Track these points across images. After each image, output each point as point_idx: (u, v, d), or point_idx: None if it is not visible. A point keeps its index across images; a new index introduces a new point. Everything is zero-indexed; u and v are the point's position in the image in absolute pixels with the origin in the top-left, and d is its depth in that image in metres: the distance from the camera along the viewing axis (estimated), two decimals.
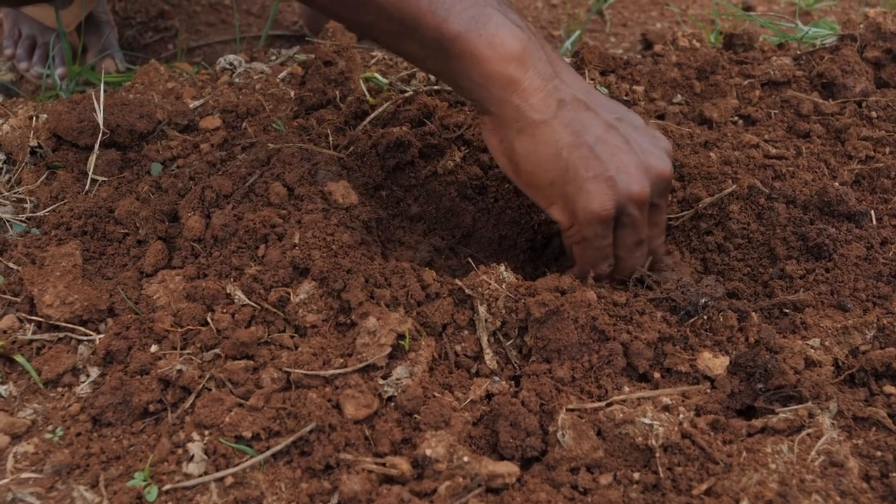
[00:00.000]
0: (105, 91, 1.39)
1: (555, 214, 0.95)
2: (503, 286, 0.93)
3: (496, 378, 0.90)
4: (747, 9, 2.07)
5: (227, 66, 1.38)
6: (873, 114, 1.23)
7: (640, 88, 1.30)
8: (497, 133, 0.94)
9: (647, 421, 0.82)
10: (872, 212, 1.08)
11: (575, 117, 0.91)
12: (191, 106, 1.26)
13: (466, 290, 0.93)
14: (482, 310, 0.93)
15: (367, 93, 1.28)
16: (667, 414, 0.84)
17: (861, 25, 1.37)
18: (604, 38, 1.98)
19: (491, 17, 0.89)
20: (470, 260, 0.99)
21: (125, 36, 2.01)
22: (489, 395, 0.89)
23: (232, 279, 0.96)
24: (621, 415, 0.83)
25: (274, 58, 1.48)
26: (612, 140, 0.91)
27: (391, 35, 0.92)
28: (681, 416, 0.85)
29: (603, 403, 0.86)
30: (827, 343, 0.93)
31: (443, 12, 0.88)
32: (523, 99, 0.90)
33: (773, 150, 1.18)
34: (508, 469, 0.79)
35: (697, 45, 1.46)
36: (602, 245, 0.95)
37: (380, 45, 0.96)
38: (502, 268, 0.95)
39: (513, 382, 0.91)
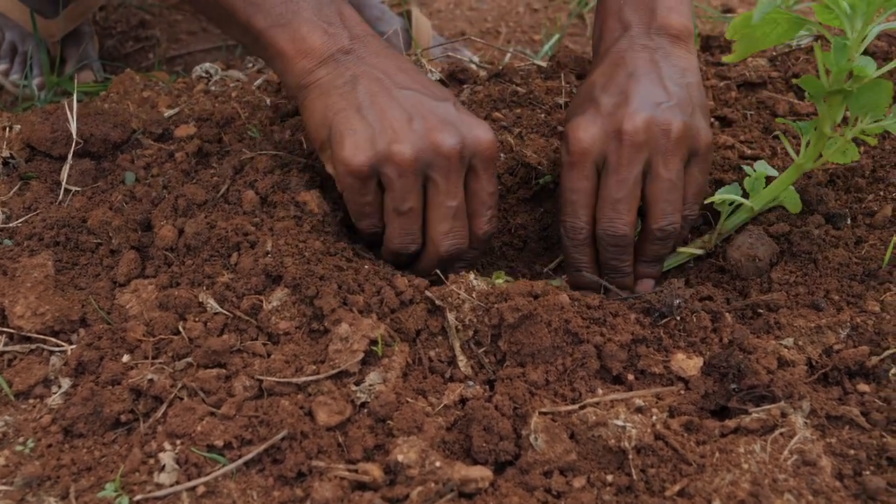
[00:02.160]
0: (81, 101, 1.39)
1: (327, 168, 0.99)
2: (473, 295, 0.93)
3: (470, 382, 0.90)
4: (727, 11, 2.07)
5: (203, 75, 1.38)
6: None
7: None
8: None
9: (619, 423, 0.82)
10: (848, 210, 1.08)
11: (363, 89, 0.95)
12: (165, 115, 1.26)
13: (436, 301, 0.93)
14: (451, 317, 0.93)
15: None
16: (640, 415, 0.84)
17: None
18: (584, 42, 1.99)
19: (297, 14, 0.97)
20: (438, 271, 0.98)
21: (105, 46, 2.01)
22: (463, 400, 0.89)
23: (204, 287, 0.96)
24: (594, 417, 0.83)
25: (251, 65, 1.48)
26: (389, 107, 0.94)
27: (218, 21, 1.04)
28: (654, 417, 0.84)
29: (576, 406, 0.86)
30: (800, 343, 0.93)
31: (252, 7, 0.97)
32: (314, 80, 0.97)
33: (749, 151, 1.18)
34: (481, 473, 0.79)
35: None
36: (359, 201, 0.96)
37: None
38: (472, 276, 0.95)
39: (487, 387, 0.91)
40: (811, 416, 0.86)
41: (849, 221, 1.07)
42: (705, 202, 1.02)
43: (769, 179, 1.04)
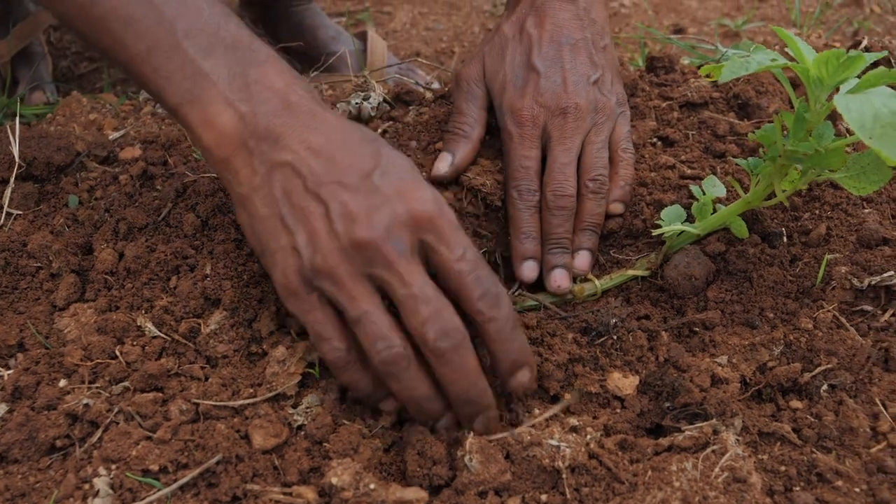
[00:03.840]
0: (28, 123, 1.38)
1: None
2: None
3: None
4: (678, 31, 2.10)
5: (151, 97, 1.38)
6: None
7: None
8: None
9: (553, 442, 0.83)
10: (784, 229, 1.10)
11: (279, 186, 0.84)
12: (111, 137, 1.26)
13: None
14: None
15: None
16: (574, 435, 0.85)
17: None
18: None
19: (206, 89, 0.86)
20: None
21: (59, 66, 2.00)
22: (401, 422, 0.89)
23: (143, 311, 0.96)
24: (529, 437, 0.84)
25: None
26: (310, 207, 0.83)
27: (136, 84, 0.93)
28: (588, 436, 0.85)
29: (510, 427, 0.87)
30: (734, 360, 0.95)
31: (163, 80, 0.86)
32: (233, 174, 0.86)
33: (689, 171, 1.20)
34: (416, 495, 0.79)
35: (619, 68, 1.48)
36: (309, 320, 0.84)
37: None
38: None
39: None
40: (743, 433, 0.87)
41: (785, 240, 1.09)
42: (654, 233, 1.07)
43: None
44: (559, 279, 1.06)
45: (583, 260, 1.10)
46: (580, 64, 1.14)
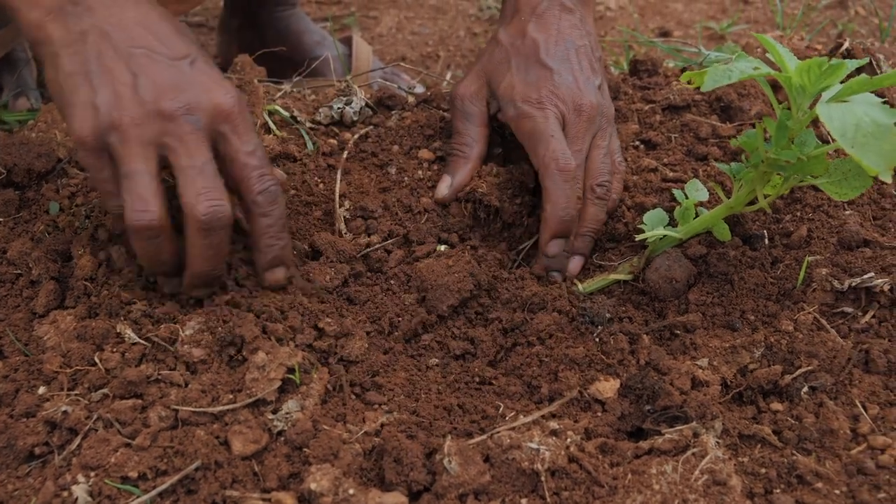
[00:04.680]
0: (10, 130, 1.38)
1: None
2: None
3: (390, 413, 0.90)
4: (663, 34, 2.11)
5: None
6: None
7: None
8: None
9: (533, 445, 0.83)
10: (765, 231, 1.11)
11: (92, 47, 0.89)
12: None
13: None
14: None
15: (272, 125, 1.28)
16: (554, 438, 0.85)
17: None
18: None
19: None
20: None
21: (43, 73, 1.99)
22: (383, 426, 0.89)
23: (122, 317, 0.95)
24: (508, 440, 0.84)
25: None
26: (115, 68, 0.88)
27: None
28: (569, 440, 0.85)
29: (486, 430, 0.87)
30: (715, 363, 0.95)
31: None
32: (45, 35, 0.90)
33: (671, 174, 1.20)
34: (396, 500, 0.79)
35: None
36: (97, 177, 0.89)
37: None
38: None
39: (412, 413, 0.92)
40: (723, 436, 0.87)
41: (766, 242, 1.09)
42: (637, 238, 1.08)
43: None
44: (555, 277, 1.10)
45: (576, 265, 1.11)
46: (585, 68, 1.16)
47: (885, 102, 1.19)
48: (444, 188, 1.16)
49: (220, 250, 0.91)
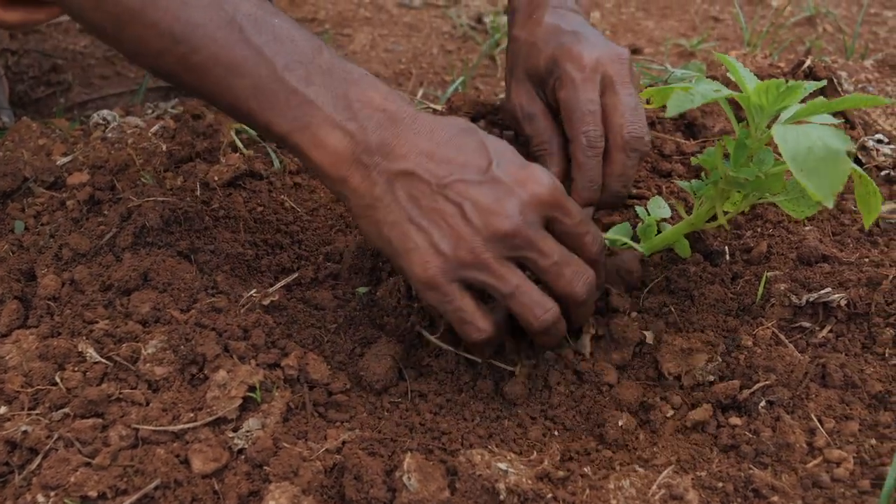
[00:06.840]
0: None
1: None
2: None
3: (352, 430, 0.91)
4: (634, 51, 2.13)
5: (101, 122, 1.38)
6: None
7: (510, 133, 1.32)
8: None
9: (497, 464, 0.84)
10: (726, 247, 1.12)
11: (403, 193, 0.90)
12: (59, 163, 1.25)
13: None
14: None
15: (239, 143, 1.29)
16: (514, 455, 0.85)
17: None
18: (495, 83, 2.02)
19: (312, 114, 0.90)
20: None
21: (16, 91, 1.99)
22: (345, 444, 0.89)
23: (84, 336, 0.96)
24: (470, 458, 0.84)
25: (150, 111, 1.48)
26: (442, 208, 0.89)
27: (237, 119, 0.97)
28: (532, 457, 0.86)
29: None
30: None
31: (269, 113, 0.91)
32: (351, 190, 0.91)
33: (635, 191, 1.21)
34: None
35: None
36: (449, 309, 0.91)
37: None
38: None
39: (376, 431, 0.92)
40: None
41: (727, 258, 1.10)
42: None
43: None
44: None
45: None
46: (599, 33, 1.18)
47: (846, 121, 1.21)
48: None
49: (592, 302, 0.97)
